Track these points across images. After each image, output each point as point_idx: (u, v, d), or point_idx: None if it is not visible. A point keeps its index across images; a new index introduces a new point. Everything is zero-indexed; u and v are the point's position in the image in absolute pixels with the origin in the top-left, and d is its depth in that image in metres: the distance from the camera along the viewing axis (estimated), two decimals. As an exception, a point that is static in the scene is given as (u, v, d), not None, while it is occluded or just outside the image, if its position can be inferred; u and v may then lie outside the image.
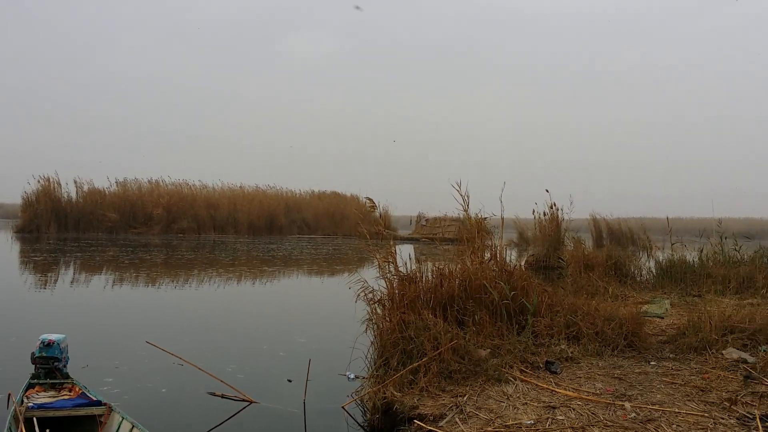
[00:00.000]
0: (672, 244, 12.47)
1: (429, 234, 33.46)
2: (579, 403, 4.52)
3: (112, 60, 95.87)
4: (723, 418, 4.16)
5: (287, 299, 12.83)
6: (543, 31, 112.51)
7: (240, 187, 40.47)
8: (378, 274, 6.64)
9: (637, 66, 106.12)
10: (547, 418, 4.21)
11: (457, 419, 4.35)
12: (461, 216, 7.98)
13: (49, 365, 5.05)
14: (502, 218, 8.15)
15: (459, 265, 6.97)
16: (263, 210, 39.02)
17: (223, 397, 5.43)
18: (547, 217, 19.20)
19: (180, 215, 35.85)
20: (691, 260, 12.05)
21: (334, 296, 12.23)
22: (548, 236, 19.00)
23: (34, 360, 5.08)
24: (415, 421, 4.45)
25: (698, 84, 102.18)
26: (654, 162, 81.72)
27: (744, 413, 4.25)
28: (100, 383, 5.56)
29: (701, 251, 12.31)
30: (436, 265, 6.93)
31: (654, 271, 12.45)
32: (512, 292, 6.53)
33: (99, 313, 9.96)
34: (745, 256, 11.89)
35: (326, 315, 10.42)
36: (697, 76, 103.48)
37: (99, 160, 63.32)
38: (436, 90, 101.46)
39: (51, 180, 33.49)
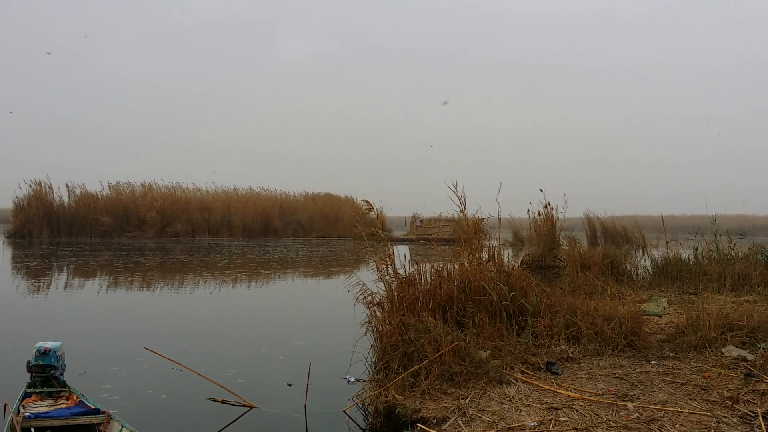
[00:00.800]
0: (667, 242, 12.51)
1: (424, 235, 33.52)
2: (581, 403, 4.52)
3: (101, 65, 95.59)
4: (725, 417, 4.17)
5: (284, 302, 12.78)
6: (533, 30, 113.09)
7: (234, 189, 40.41)
8: (376, 277, 6.62)
9: (629, 64, 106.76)
10: (551, 420, 4.20)
11: (460, 422, 4.32)
12: (456, 216, 7.96)
13: (45, 373, 4.99)
14: (500, 219, 8.16)
15: (457, 267, 6.95)
16: (257, 212, 38.95)
17: (223, 402, 5.38)
18: (541, 216, 19.23)
19: (174, 218, 35.75)
20: (686, 258, 12.08)
21: (332, 299, 12.21)
22: (543, 236, 19.02)
23: (30, 368, 5.01)
24: (418, 424, 4.42)
25: (689, 81, 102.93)
26: (646, 160, 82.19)
27: (746, 411, 4.25)
28: (98, 390, 5.50)
29: (696, 249, 12.35)
30: (435, 267, 6.91)
31: (650, 269, 12.47)
32: (511, 293, 6.52)
33: (95, 319, 9.87)
34: (740, 254, 11.94)
35: (325, 318, 10.37)
36: (687, 73, 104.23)
37: (91, 164, 62.98)
38: (426, 90, 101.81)
39: (42, 184, 33.39)
